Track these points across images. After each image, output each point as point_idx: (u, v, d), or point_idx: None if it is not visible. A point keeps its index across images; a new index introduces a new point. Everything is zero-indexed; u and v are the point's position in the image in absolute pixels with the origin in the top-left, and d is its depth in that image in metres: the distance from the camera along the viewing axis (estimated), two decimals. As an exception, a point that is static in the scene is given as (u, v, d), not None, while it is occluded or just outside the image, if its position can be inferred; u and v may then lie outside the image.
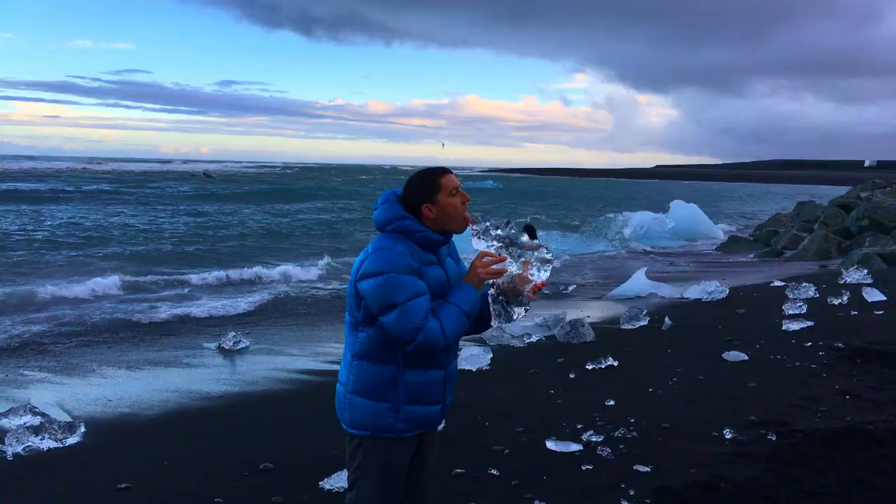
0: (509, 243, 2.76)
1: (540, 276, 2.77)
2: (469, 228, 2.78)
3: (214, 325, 10.41)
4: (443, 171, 2.76)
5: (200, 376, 7.62)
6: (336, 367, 2.93)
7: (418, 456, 2.88)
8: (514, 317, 2.78)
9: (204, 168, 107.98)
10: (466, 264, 2.86)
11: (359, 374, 2.75)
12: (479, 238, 2.76)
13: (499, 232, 2.76)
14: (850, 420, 5.39)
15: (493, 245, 2.76)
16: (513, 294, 2.76)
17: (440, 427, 3.11)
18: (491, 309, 2.78)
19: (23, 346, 8.99)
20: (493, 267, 2.70)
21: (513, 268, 2.75)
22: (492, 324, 2.82)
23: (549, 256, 2.79)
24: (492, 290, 2.77)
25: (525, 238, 2.78)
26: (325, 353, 8.67)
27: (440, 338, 2.61)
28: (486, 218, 2.79)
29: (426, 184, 2.73)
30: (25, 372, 7.79)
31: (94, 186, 50.69)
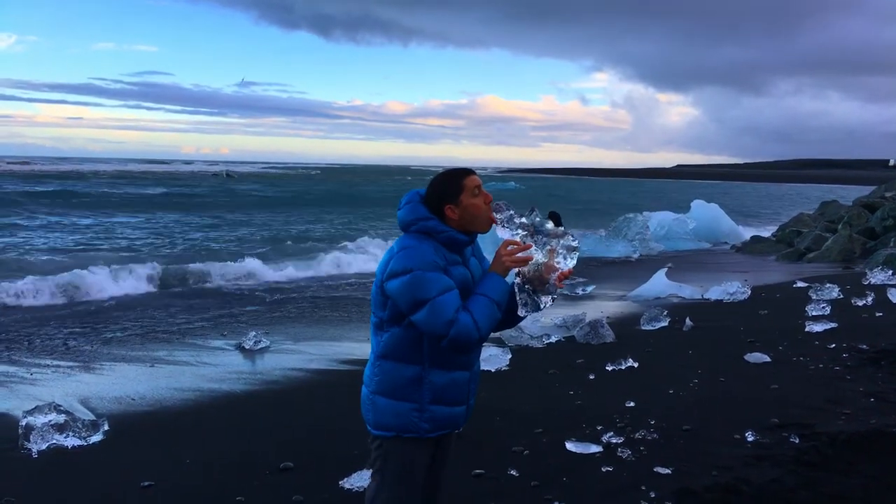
0: (534, 231, 2.72)
1: (566, 263, 2.73)
2: (494, 227, 2.75)
3: (236, 323, 10.48)
4: (466, 172, 2.76)
5: (221, 376, 7.68)
6: (357, 367, 2.95)
7: (437, 456, 2.89)
8: (542, 305, 2.73)
9: (226, 169, 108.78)
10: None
11: (382, 374, 2.75)
12: (503, 226, 2.73)
13: (523, 220, 2.73)
14: (874, 423, 5.33)
15: (517, 233, 2.72)
16: (539, 283, 2.72)
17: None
18: (517, 298, 2.73)
19: (47, 344, 9.12)
20: (519, 255, 2.67)
21: (538, 256, 2.71)
22: (519, 313, 2.76)
23: (574, 244, 2.74)
24: (517, 279, 2.73)
25: (550, 225, 2.74)
26: (345, 353, 8.70)
27: (473, 330, 2.58)
28: (510, 206, 2.74)
29: (449, 185, 2.73)
30: (50, 370, 7.90)
31: (159, 190, 51.29)
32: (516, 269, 2.71)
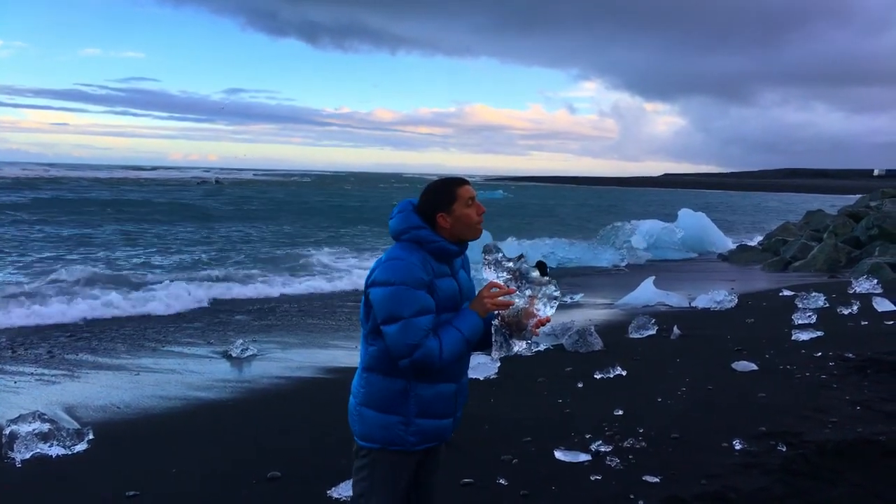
0: (519, 276, 2.78)
1: (545, 311, 2.79)
2: (482, 256, 2.80)
3: (222, 331, 10.42)
4: (460, 182, 2.78)
5: (208, 384, 7.63)
6: (344, 375, 2.94)
7: (425, 467, 2.88)
8: (514, 349, 2.81)
9: (215, 175, 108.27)
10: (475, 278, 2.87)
11: (369, 386, 2.75)
12: (490, 268, 2.78)
13: (510, 265, 2.78)
14: (861, 431, 5.35)
15: (502, 276, 2.77)
16: (516, 327, 2.78)
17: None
18: (493, 339, 2.80)
19: (31, 352, 9.03)
20: (500, 299, 2.72)
21: (520, 301, 2.76)
22: (492, 355, 2.84)
23: (556, 294, 2.80)
24: (496, 321, 2.78)
25: (535, 274, 2.79)
26: (333, 361, 8.67)
27: (436, 357, 2.62)
28: (500, 249, 2.81)
29: (443, 193, 2.75)
30: (34, 378, 7.82)
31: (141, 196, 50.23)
32: (496, 311, 2.75)
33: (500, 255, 2.79)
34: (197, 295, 12.98)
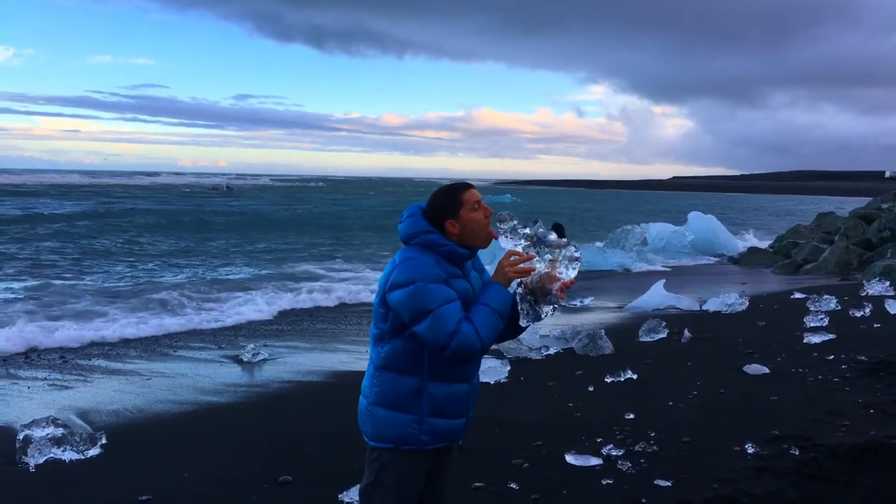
0: (537, 241, 2.74)
1: (568, 273, 2.74)
2: (496, 226, 2.77)
3: (234, 336, 10.46)
4: (465, 187, 2.79)
5: (220, 388, 7.66)
6: (356, 379, 2.94)
7: (435, 469, 2.88)
8: (543, 315, 2.75)
9: (226, 181, 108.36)
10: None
11: (382, 385, 2.75)
12: (506, 237, 2.75)
13: (526, 230, 2.75)
14: (874, 434, 5.32)
15: (520, 244, 2.74)
16: (541, 293, 2.73)
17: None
18: (519, 308, 2.75)
19: (45, 358, 9.09)
20: (521, 266, 2.69)
21: (541, 266, 2.72)
22: (521, 323, 2.78)
23: (577, 254, 2.76)
24: (519, 289, 2.74)
25: (553, 236, 2.76)
26: (345, 365, 8.68)
27: (475, 340, 2.60)
28: (513, 217, 2.77)
29: (448, 200, 2.76)
30: (47, 384, 7.87)
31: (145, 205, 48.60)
32: (518, 280, 2.72)
33: (515, 222, 2.75)
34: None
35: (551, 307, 2.75)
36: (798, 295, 12.42)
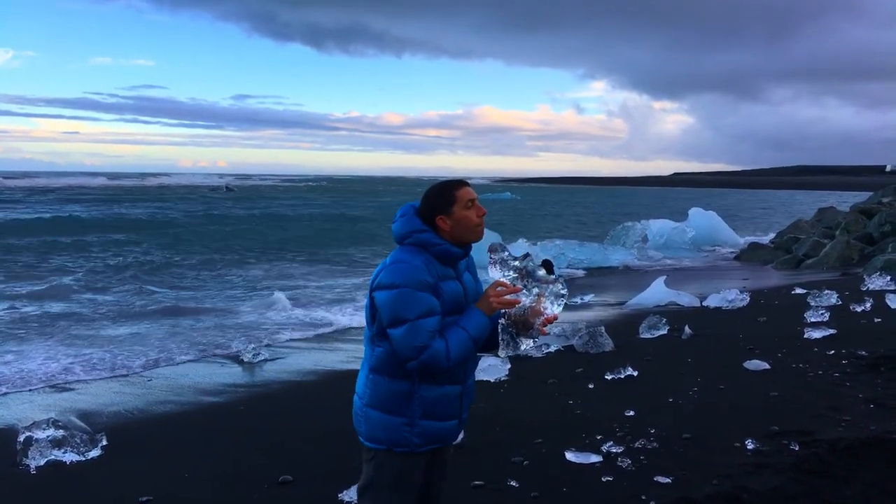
0: (525, 275, 2.78)
1: (553, 309, 2.78)
2: (488, 255, 2.80)
3: (235, 336, 10.46)
4: (459, 184, 2.80)
5: (220, 388, 7.67)
6: (355, 380, 2.95)
7: (433, 469, 2.89)
8: (521, 347, 2.80)
9: (227, 182, 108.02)
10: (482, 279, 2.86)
11: (374, 387, 2.76)
12: (496, 267, 2.79)
13: (516, 263, 2.78)
14: (874, 430, 5.31)
15: (509, 275, 2.77)
16: (523, 326, 2.78)
17: (458, 439, 3.12)
18: (500, 338, 2.79)
19: (44, 358, 9.09)
20: (506, 297, 2.72)
21: (526, 300, 2.76)
22: (499, 353, 2.82)
23: (563, 291, 2.79)
24: (503, 320, 2.78)
25: (542, 272, 2.79)
26: (345, 365, 8.69)
27: (444, 359, 2.62)
28: (506, 248, 2.81)
29: (442, 196, 2.76)
30: (48, 385, 7.87)
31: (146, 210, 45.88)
32: (503, 310, 2.75)
33: (506, 253, 2.79)
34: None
35: (531, 340, 2.79)
36: (799, 290, 12.41)
